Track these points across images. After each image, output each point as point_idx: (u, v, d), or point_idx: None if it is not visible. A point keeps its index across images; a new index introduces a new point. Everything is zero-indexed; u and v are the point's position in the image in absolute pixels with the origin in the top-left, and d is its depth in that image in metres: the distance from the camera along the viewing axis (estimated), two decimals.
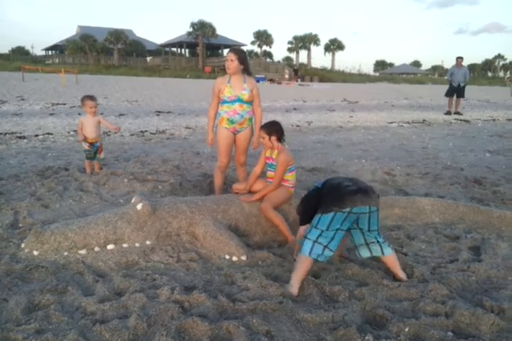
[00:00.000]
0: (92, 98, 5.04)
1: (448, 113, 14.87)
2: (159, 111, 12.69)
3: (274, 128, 3.65)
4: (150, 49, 54.91)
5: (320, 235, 2.69)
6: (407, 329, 2.29)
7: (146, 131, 9.10)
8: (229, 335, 2.20)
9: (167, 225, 3.31)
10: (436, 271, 3.01)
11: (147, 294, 2.53)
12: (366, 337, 2.17)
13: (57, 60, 49.37)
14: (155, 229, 3.26)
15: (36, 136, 8.09)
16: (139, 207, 3.28)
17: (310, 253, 2.68)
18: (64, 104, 13.68)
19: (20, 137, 7.87)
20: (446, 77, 16.19)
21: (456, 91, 14.74)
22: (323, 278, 2.87)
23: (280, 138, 3.64)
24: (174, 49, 57.24)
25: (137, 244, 3.18)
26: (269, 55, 58.87)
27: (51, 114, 11.43)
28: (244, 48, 58.37)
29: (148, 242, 3.21)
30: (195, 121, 10.97)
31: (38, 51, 61.19)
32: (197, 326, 2.23)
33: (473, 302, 2.55)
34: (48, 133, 8.33)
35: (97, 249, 3.10)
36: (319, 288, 2.73)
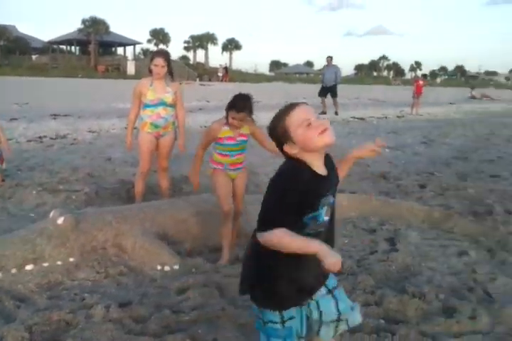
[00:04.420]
0: None
1: (322, 113, 14.15)
2: (55, 115, 11.78)
3: None
4: (35, 46, 50.93)
5: None
6: None
7: (45, 136, 8.42)
8: None
9: (92, 239, 3.12)
10: (361, 263, 3.19)
11: (79, 315, 2.36)
12: None
13: None
14: (79, 244, 3.06)
15: None
16: (60, 221, 3.04)
17: None
18: None
19: None
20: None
21: (327, 91, 14.51)
22: None
23: None
24: (63, 46, 53.77)
25: (59, 262, 2.96)
26: None
27: None
28: (140, 47, 56.81)
29: (71, 259, 3.00)
30: (97, 124, 10.38)
31: None
32: None
33: (398, 290, 2.70)
34: None
35: (14, 271, 2.83)
36: None
